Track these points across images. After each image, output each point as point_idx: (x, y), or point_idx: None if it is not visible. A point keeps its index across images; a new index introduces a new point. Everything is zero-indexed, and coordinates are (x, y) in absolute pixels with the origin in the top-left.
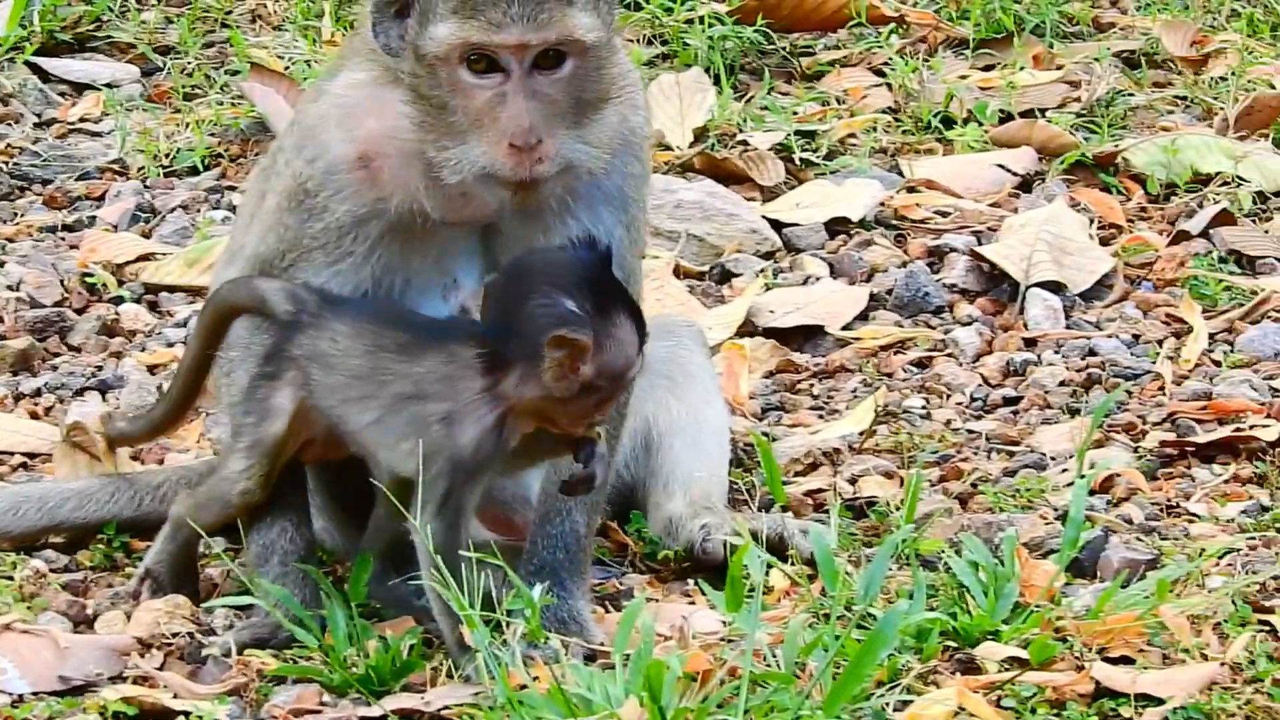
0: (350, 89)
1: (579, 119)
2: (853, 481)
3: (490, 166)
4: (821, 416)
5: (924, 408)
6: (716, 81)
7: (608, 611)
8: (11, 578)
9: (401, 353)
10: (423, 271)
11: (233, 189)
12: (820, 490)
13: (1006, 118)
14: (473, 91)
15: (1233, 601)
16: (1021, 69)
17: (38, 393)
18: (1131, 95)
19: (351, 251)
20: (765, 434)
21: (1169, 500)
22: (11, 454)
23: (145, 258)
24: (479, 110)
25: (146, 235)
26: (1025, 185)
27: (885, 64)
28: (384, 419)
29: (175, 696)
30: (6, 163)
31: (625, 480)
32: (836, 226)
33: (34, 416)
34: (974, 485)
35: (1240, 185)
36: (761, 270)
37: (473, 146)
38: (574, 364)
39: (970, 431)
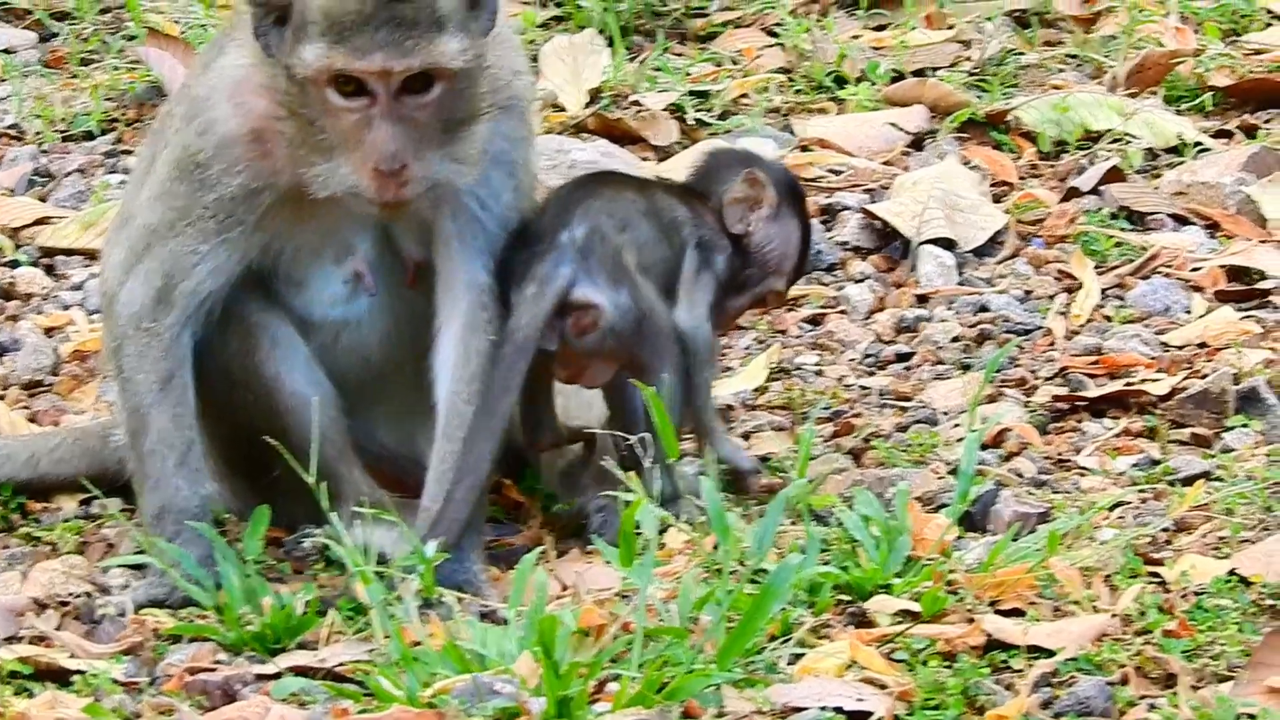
0: (240, 64)
1: (448, 138)
2: (747, 438)
3: (356, 187)
4: None
5: (817, 364)
6: (610, 43)
7: (502, 570)
8: None
9: (671, 193)
10: (315, 237)
11: (129, 153)
12: None
13: (898, 77)
14: (340, 113)
15: (1123, 554)
16: (913, 29)
17: None
18: (1022, 54)
19: (243, 221)
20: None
21: (1060, 454)
22: None
23: (42, 221)
24: (346, 132)
25: (43, 199)
26: (917, 144)
27: (778, 24)
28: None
29: (71, 656)
30: None
31: (516, 439)
32: None
33: None
34: (866, 440)
35: (1130, 142)
36: None
37: (340, 165)
38: (754, 204)
39: (863, 387)
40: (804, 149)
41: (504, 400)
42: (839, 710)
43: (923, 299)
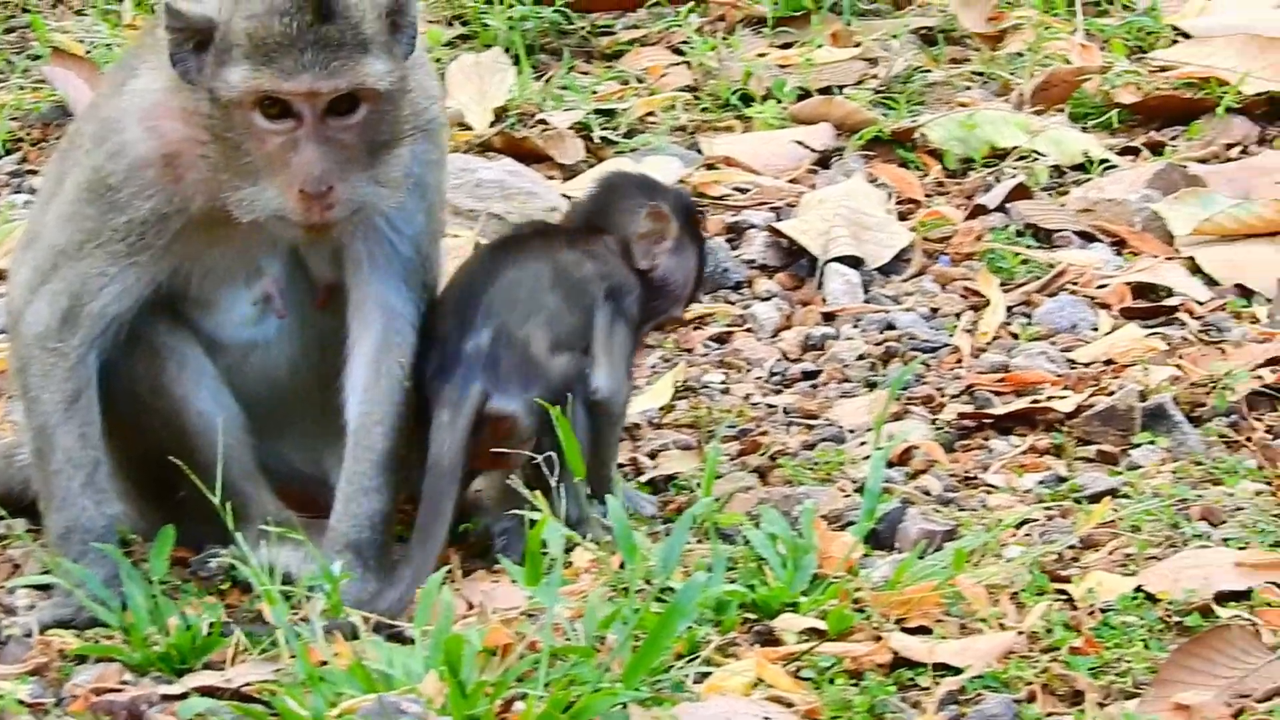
0: (154, 89)
1: (372, 161)
2: (653, 456)
3: (281, 210)
4: None
5: (723, 383)
6: (516, 62)
7: None
8: None
9: (576, 243)
10: (224, 260)
11: (34, 173)
12: (621, 465)
13: (805, 95)
14: (265, 136)
15: (1030, 571)
16: (820, 46)
17: None
18: (929, 71)
19: (152, 244)
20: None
21: (966, 471)
22: None
23: None
24: (271, 155)
25: None
26: (823, 161)
27: (684, 43)
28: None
29: None
30: None
31: None
32: None
33: None
34: (773, 459)
35: (1036, 159)
36: None
37: (265, 189)
38: (659, 238)
39: (769, 405)
40: (710, 167)
41: (439, 526)
42: None
43: (829, 317)
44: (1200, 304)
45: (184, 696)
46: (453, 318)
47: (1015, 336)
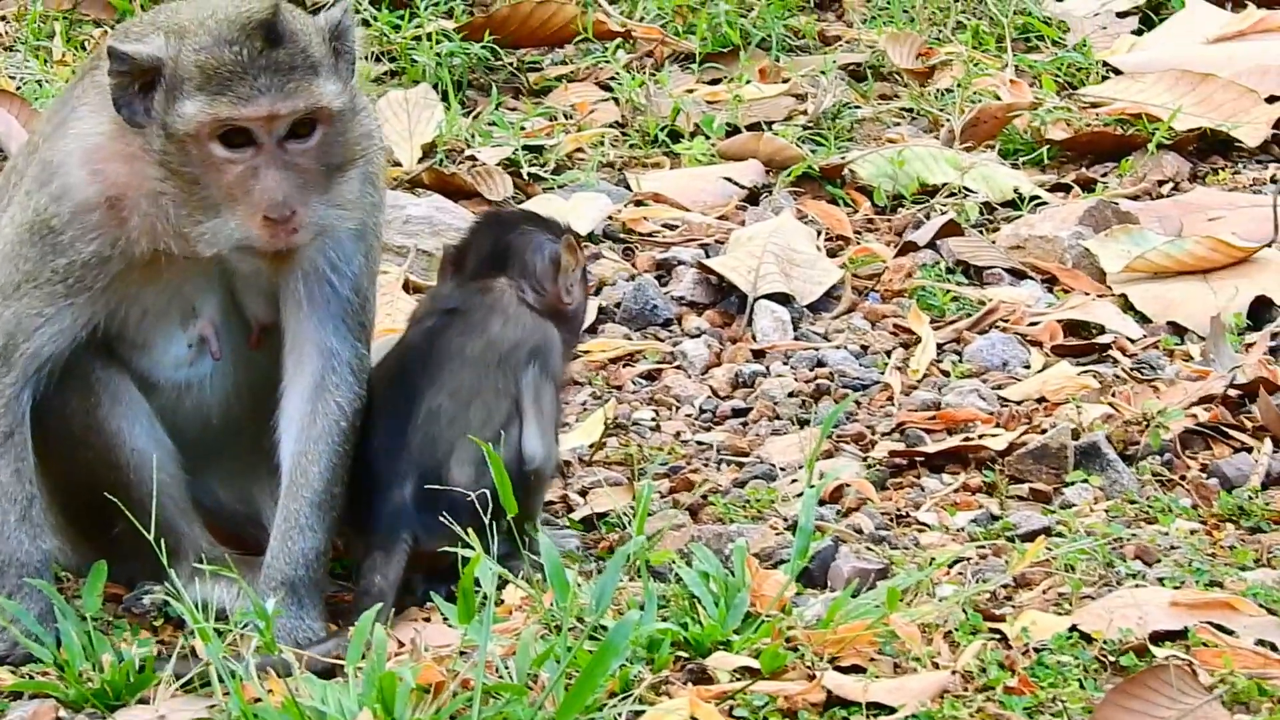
0: (96, 132)
1: (329, 183)
2: (584, 494)
3: (246, 239)
4: None
5: (654, 420)
6: (445, 98)
7: (342, 627)
8: None
9: (495, 307)
10: (161, 301)
11: None
12: (551, 503)
13: (733, 131)
14: (225, 165)
15: (963, 610)
16: (748, 82)
17: None
18: (858, 107)
19: (91, 287)
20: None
21: (899, 510)
22: None
23: None
24: (232, 184)
25: None
26: (753, 198)
27: (612, 79)
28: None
29: None
30: None
31: None
32: None
33: None
34: (704, 496)
35: (966, 196)
36: None
37: (227, 220)
38: (578, 268)
39: (700, 443)
40: (639, 203)
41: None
42: None
43: (759, 354)
44: (1133, 342)
45: None
46: (380, 461)
47: (946, 374)
